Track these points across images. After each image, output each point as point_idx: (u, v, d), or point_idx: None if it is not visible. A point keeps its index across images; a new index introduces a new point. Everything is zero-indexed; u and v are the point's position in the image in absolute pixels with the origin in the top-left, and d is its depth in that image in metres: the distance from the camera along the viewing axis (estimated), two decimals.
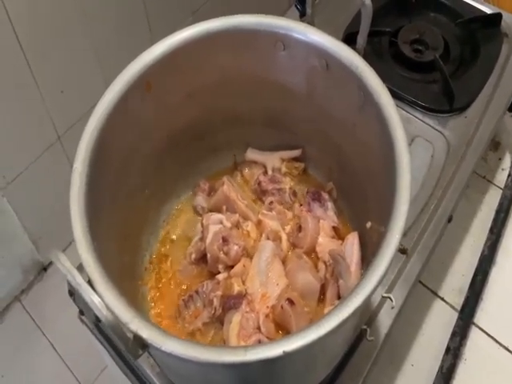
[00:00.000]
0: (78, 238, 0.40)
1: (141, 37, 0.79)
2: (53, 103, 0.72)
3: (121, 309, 0.37)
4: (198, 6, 0.86)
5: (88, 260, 0.39)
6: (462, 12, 0.85)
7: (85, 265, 0.39)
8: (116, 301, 0.37)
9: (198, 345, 0.36)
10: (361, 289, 0.41)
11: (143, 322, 0.37)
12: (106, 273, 0.40)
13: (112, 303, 0.37)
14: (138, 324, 0.36)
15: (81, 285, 0.33)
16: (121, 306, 0.37)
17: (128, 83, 0.50)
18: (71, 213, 0.41)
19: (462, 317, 0.78)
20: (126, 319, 0.36)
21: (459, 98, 0.77)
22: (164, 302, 0.58)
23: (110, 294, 0.38)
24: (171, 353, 0.36)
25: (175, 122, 0.59)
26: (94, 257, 0.40)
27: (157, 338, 0.36)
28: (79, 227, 0.40)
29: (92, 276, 0.38)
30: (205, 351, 0.36)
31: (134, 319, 0.36)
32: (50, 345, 0.85)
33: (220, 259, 0.57)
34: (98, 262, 0.40)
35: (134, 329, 0.36)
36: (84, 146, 0.46)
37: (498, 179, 0.95)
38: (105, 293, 0.37)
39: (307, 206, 0.63)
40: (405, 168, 0.46)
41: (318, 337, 0.38)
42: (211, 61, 0.56)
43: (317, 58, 0.54)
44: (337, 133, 0.60)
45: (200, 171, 0.66)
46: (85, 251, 0.39)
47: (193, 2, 0.85)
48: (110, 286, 0.38)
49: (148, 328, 0.36)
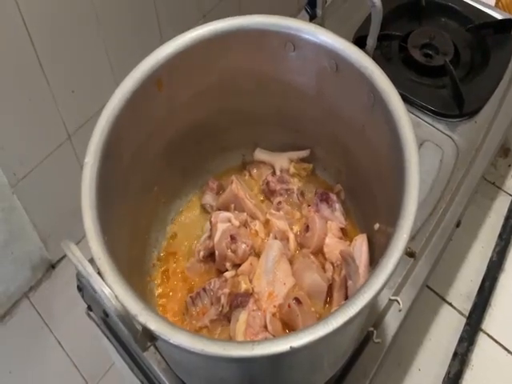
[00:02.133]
0: (88, 230, 0.40)
1: (151, 38, 0.79)
2: (64, 103, 0.73)
3: (130, 301, 0.37)
4: (209, 9, 0.87)
5: (98, 252, 0.39)
6: (473, 17, 0.85)
7: (95, 257, 0.39)
8: (125, 293, 0.38)
9: (205, 338, 0.36)
10: (368, 288, 0.41)
11: (152, 314, 0.37)
12: (115, 266, 0.40)
13: (121, 295, 0.37)
14: (147, 316, 0.36)
15: (91, 275, 0.33)
16: (130, 298, 0.37)
17: (140, 80, 0.51)
18: (82, 204, 0.41)
19: (470, 323, 0.78)
20: (134, 311, 0.37)
21: (469, 102, 0.76)
22: (171, 299, 0.58)
23: (119, 286, 0.38)
24: (179, 345, 0.36)
25: (185, 120, 0.60)
26: (105, 249, 0.40)
27: (165, 331, 0.36)
28: (90, 219, 0.41)
29: (102, 268, 0.39)
30: (212, 344, 0.36)
31: (142, 311, 0.37)
32: (57, 342, 0.85)
33: (228, 257, 0.57)
34: (108, 254, 0.40)
35: (143, 321, 0.36)
36: (96, 140, 0.47)
37: (508, 186, 0.94)
38: (114, 285, 0.38)
39: (315, 207, 0.63)
40: (414, 168, 0.46)
41: (325, 334, 0.38)
42: (221, 60, 0.57)
43: (326, 59, 0.54)
44: (346, 134, 0.60)
45: (209, 170, 0.67)
46: (95, 243, 0.40)
47: (203, 5, 0.86)
48: (119, 279, 0.39)
49: (156, 320, 0.37)
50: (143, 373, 0.58)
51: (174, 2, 0.80)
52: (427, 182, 0.71)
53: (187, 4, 0.83)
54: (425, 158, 0.74)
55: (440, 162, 0.74)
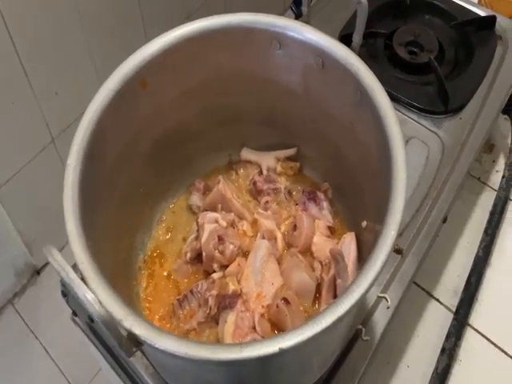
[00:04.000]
0: (71, 234, 0.39)
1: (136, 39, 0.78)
2: (47, 105, 0.72)
3: (114, 306, 0.36)
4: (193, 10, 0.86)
5: (81, 256, 0.38)
6: (457, 14, 0.86)
7: (78, 261, 0.38)
8: (109, 298, 0.37)
9: (192, 342, 0.36)
10: (357, 286, 0.41)
11: (137, 319, 0.36)
12: (99, 270, 0.39)
13: (105, 300, 0.36)
14: (132, 321, 0.36)
15: (74, 281, 0.32)
16: (114, 303, 0.37)
17: (124, 79, 0.50)
18: (64, 208, 0.40)
19: (457, 318, 0.78)
20: (119, 316, 0.36)
21: (454, 99, 0.77)
22: (158, 302, 0.57)
23: (103, 291, 0.37)
24: (165, 350, 0.35)
25: (170, 120, 0.59)
26: (88, 254, 0.39)
27: (151, 336, 0.35)
28: (72, 223, 0.40)
29: (85, 272, 0.38)
30: (200, 348, 0.35)
31: (127, 316, 0.36)
32: (43, 348, 0.84)
33: (215, 258, 0.56)
34: (91, 258, 0.39)
35: (128, 326, 0.35)
36: (78, 141, 0.46)
37: (493, 181, 0.95)
38: (98, 290, 0.37)
39: (302, 206, 0.62)
40: (400, 165, 0.46)
41: (313, 334, 0.38)
42: (207, 59, 0.56)
43: (312, 57, 0.54)
44: (333, 131, 0.60)
45: (195, 170, 0.66)
46: (78, 247, 0.39)
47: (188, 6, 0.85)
48: (103, 284, 0.38)
49: (142, 325, 0.36)
50: (130, 378, 0.57)
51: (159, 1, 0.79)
52: (414, 179, 0.72)
53: (172, 4, 0.82)
54: (411, 155, 0.74)
55: (426, 159, 0.75)
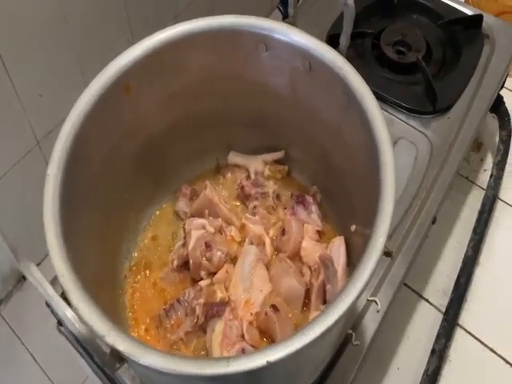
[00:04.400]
0: (51, 246, 0.38)
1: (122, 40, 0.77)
2: (31, 107, 0.70)
3: (96, 321, 0.35)
4: (180, 10, 0.85)
5: (62, 270, 0.37)
6: (444, 13, 0.85)
7: (58, 274, 0.37)
8: (91, 313, 0.36)
9: (178, 357, 0.35)
10: (346, 295, 0.40)
11: (120, 334, 0.35)
12: (81, 283, 0.38)
13: (87, 315, 0.35)
14: (115, 337, 0.35)
15: (53, 298, 0.31)
16: (96, 318, 0.36)
17: (106, 85, 0.49)
18: (44, 220, 0.39)
19: (447, 318, 0.78)
20: (101, 332, 0.35)
21: (442, 99, 0.77)
22: (145, 311, 0.56)
23: (85, 305, 0.36)
24: (150, 366, 0.34)
25: (156, 125, 0.58)
26: (69, 266, 0.38)
27: (134, 351, 0.34)
28: (53, 235, 0.39)
29: (66, 287, 0.37)
30: (185, 364, 0.34)
31: (110, 332, 0.35)
32: (30, 356, 0.83)
33: (203, 265, 0.55)
34: (73, 271, 0.38)
35: (111, 342, 0.34)
36: (59, 149, 0.44)
37: (481, 180, 0.95)
38: (80, 305, 0.36)
39: (291, 210, 0.62)
40: (389, 170, 0.46)
41: (302, 345, 0.37)
42: (192, 62, 0.55)
43: (299, 59, 0.53)
44: (321, 134, 0.59)
45: (182, 175, 0.65)
46: (59, 260, 0.38)
47: (174, 7, 0.84)
48: (85, 298, 0.37)
49: (125, 341, 0.35)
50: None
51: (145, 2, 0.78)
52: (402, 180, 0.71)
53: (159, 4, 0.80)
54: (400, 156, 0.74)
55: (415, 159, 0.74)
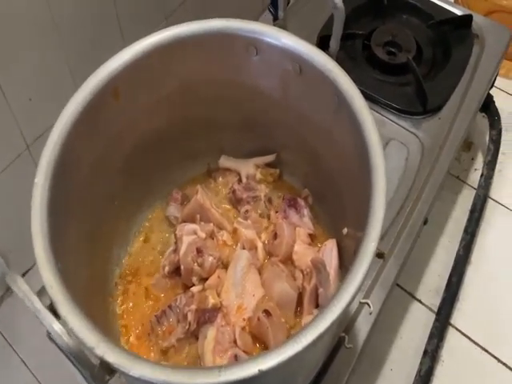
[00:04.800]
0: (39, 257, 0.38)
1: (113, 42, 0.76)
2: (21, 111, 0.69)
3: (86, 333, 0.35)
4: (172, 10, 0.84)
5: (50, 281, 0.37)
6: (434, 14, 0.85)
7: (47, 286, 0.37)
8: (80, 324, 0.35)
9: (168, 367, 0.35)
10: (338, 301, 0.40)
11: (110, 345, 0.35)
12: (71, 293, 0.38)
13: (76, 327, 0.35)
14: (104, 348, 0.34)
15: (40, 311, 0.31)
16: (86, 329, 0.35)
17: (94, 91, 0.48)
18: (32, 230, 0.39)
19: (439, 318, 0.78)
20: (91, 344, 0.34)
21: (432, 99, 0.77)
22: (136, 318, 0.56)
23: (74, 317, 0.36)
24: (140, 377, 0.34)
25: (145, 130, 0.57)
26: (58, 276, 0.38)
27: (124, 363, 0.34)
28: (41, 246, 0.38)
29: (55, 298, 0.36)
30: (176, 374, 0.34)
31: (99, 343, 0.34)
32: (21, 362, 0.82)
33: (194, 271, 0.55)
34: (61, 282, 0.37)
35: (100, 354, 0.34)
36: (47, 157, 0.44)
37: (472, 179, 0.95)
38: (68, 316, 0.35)
39: (283, 213, 0.61)
40: (380, 174, 0.46)
41: (294, 353, 0.37)
42: (182, 66, 0.55)
43: (290, 63, 0.53)
44: (313, 137, 0.59)
45: (172, 180, 0.64)
46: (47, 271, 0.37)
47: (166, 7, 0.83)
48: (74, 309, 0.36)
49: (115, 352, 0.34)
50: None
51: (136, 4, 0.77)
52: (394, 181, 0.71)
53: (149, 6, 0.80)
54: (391, 157, 0.74)
55: (406, 160, 0.74)
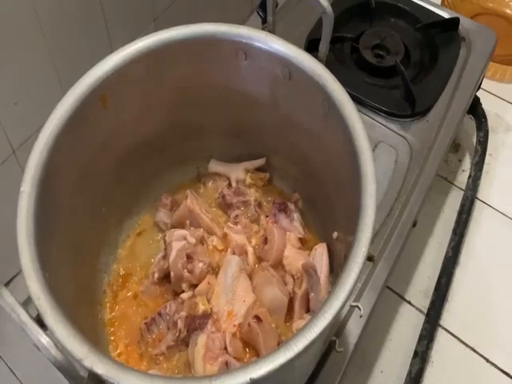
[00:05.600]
0: (25, 268, 0.37)
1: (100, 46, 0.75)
2: (6, 115, 0.68)
3: (74, 344, 0.34)
4: (160, 12, 0.84)
5: (37, 292, 0.36)
6: (421, 17, 0.86)
7: (33, 297, 0.36)
8: (68, 335, 0.35)
9: (158, 378, 0.34)
10: (329, 306, 0.40)
11: (98, 356, 0.34)
12: (58, 303, 0.37)
13: (64, 338, 0.34)
14: (93, 359, 0.34)
15: (26, 324, 0.30)
16: (74, 340, 0.35)
17: (81, 97, 0.48)
18: (18, 239, 0.38)
19: (429, 320, 0.79)
20: (79, 355, 0.34)
21: (420, 102, 0.77)
22: (125, 326, 0.55)
23: (61, 327, 0.35)
24: None
25: (134, 135, 0.57)
26: (45, 286, 0.37)
27: (114, 374, 0.33)
28: (27, 256, 0.37)
29: (41, 308, 0.35)
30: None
31: (88, 354, 0.34)
32: (9, 370, 0.80)
33: (184, 278, 0.55)
34: (48, 292, 0.37)
35: (89, 365, 0.34)
36: (33, 165, 0.43)
37: (459, 180, 0.96)
38: (56, 327, 0.35)
39: (273, 218, 0.61)
40: (369, 178, 0.46)
41: (286, 360, 0.37)
42: (171, 71, 0.54)
43: (279, 67, 0.53)
44: (302, 142, 0.59)
45: (161, 185, 0.64)
46: (34, 281, 0.36)
47: (154, 9, 0.83)
48: (62, 319, 0.36)
49: (104, 363, 0.34)
50: None
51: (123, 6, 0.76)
52: (383, 184, 0.72)
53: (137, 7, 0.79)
54: (380, 160, 0.74)
55: (395, 163, 0.75)
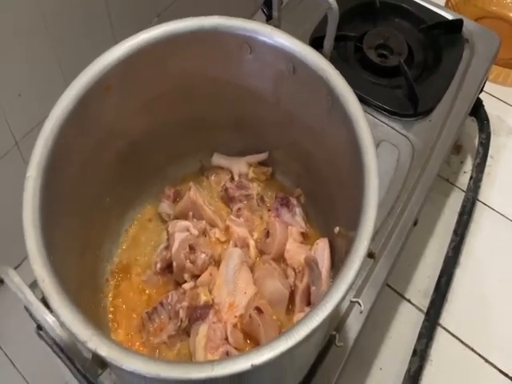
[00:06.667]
0: (31, 251, 0.37)
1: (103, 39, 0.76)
2: (9, 107, 0.69)
3: (78, 326, 0.35)
4: (163, 8, 0.84)
5: (42, 274, 0.36)
6: (425, 18, 0.87)
7: (38, 279, 0.36)
8: (73, 318, 0.35)
9: (162, 362, 0.34)
10: (330, 297, 0.40)
11: (102, 339, 0.35)
12: (62, 287, 0.37)
13: (68, 320, 0.35)
14: (97, 342, 0.34)
15: (32, 303, 0.31)
16: (78, 323, 0.35)
17: (86, 86, 0.48)
18: (24, 223, 0.38)
19: (428, 319, 0.79)
20: (83, 337, 0.34)
21: (423, 102, 0.78)
22: (127, 315, 0.55)
23: (66, 310, 0.35)
24: (133, 371, 0.34)
25: (138, 127, 0.57)
26: (50, 270, 0.37)
27: (117, 356, 0.34)
28: (33, 239, 0.38)
29: (46, 291, 0.36)
30: (170, 368, 0.34)
31: (92, 337, 0.34)
32: (8, 360, 0.81)
33: (186, 268, 0.55)
34: (53, 275, 0.37)
35: (93, 347, 0.34)
36: (39, 152, 0.44)
37: (461, 182, 0.97)
38: (61, 309, 0.35)
39: (275, 212, 0.62)
40: (372, 173, 0.46)
41: (287, 348, 0.37)
42: (175, 63, 0.55)
43: (283, 62, 0.53)
44: (305, 137, 0.59)
45: (165, 177, 0.64)
46: (39, 265, 0.37)
47: (157, 4, 0.83)
48: (66, 302, 0.36)
49: (108, 346, 0.34)
50: None
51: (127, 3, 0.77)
52: (385, 182, 0.72)
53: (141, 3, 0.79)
54: (382, 158, 0.74)
55: (397, 162, 0.75)
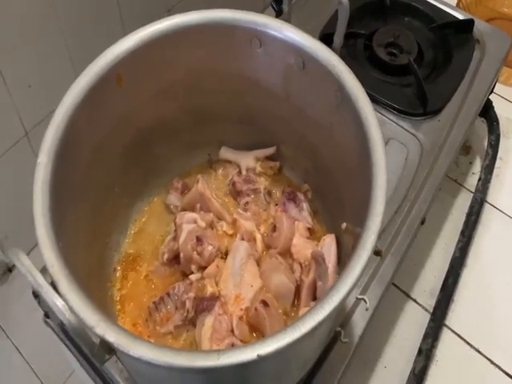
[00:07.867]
0: (40, 236, 0.38)
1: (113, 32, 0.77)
2: (20, 98, 0.69)
3: (86, 311, 0.35)
4: (173, 3, 0.85)
5: (51, 259, 0.37)
6: (436, 17, 0.86)
7: (48, 264, 0.37)
8: (81, 303, 0.35)
9: (168, 349, 0.35)
10: (336, 291, 0.40)
11: (110, 325, 0.35)
12: (71, 273, 0.38)
13: (77, 306, 0.35)
14: (105, 327, 0.34)
15: (42, 286, 0.31)
16: (86, 308, 0.35)
17: (98, 75, 0.48)
18: (34, 208, 0.39)
19: (434, 319, 0.79)
20: (91, 322, 0.34)
21: (432, 101, 0.77)
22: (134, 304, 0.56)
23: (75, 296, 0.36)
24: (140, 358, 0.34)
25: (147, 118, 0.57)
26: (59, 256, 0.38)
27: (124, 343, 0.34)
28: (42, 224, 0.38)
29: (55, 276, 0.36)
30: (176, 356, 0.34)
31: (100, 322, 0.34)
32: (15, 348, 0.82)
33: (193, 259, 0.55)
34: (62, 261, 0.37)
35: (101, 333, 0.34)
36: (50, 138, 0.44)
37: (469, 183, 0.96)
38: (69, 295, 0.35)
39: (282, 206, 0.62)
40: (381, 168, 0.46)
41: (293, 340, 0.37)
42: (185, 55, 0.55)
43: (293, 56, 0.53)
44: (313, 132, 0.59)
45: (173, 169, 0.65)
46: (48, 250, 0.37)
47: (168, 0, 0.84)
48: (75, 288, 0.36)
49: (115, 331, 0.34)
50: (104, 382, 0.56)
51: None
52: (392, 181, 0.72)
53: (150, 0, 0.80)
54: (390, 157, 0.73)
55: (405, 160, 0.75)
